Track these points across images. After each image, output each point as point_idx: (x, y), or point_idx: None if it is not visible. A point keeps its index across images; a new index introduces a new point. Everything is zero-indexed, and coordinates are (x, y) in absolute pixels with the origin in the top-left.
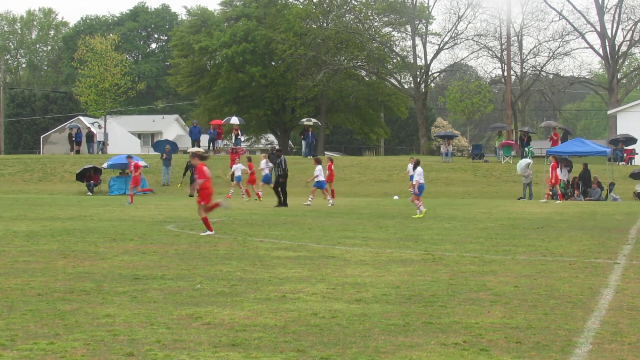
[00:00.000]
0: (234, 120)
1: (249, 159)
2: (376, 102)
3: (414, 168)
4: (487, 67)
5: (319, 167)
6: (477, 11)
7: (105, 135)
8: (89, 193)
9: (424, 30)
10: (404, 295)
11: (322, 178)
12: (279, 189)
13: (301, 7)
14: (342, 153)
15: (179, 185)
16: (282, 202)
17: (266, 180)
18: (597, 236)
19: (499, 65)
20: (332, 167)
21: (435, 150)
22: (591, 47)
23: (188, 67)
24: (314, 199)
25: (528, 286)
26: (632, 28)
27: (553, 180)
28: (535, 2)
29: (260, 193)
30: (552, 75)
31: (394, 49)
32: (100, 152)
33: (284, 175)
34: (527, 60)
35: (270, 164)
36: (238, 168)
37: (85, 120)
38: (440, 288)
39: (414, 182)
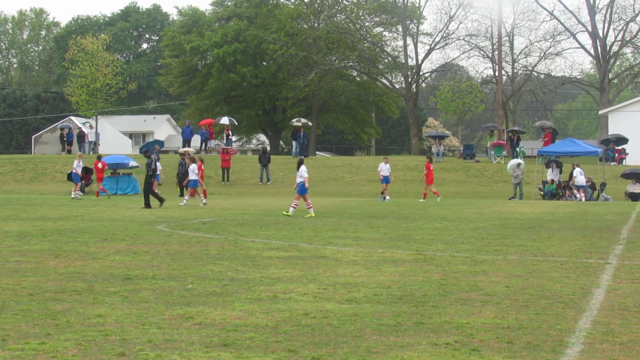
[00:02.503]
0: (224, 120)
1: (201, 160)
2: (367, 102)
3: (298, 168)
4: (479, 67)
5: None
6: (469, 11)
7: (97, 135)
8: (81, 193)
9: (415, 30)
10: (395, 295)
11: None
12: (148, 189)
13: (292, 7)
14: (333, 153)
15: (177, 188)
16: (148, 204)
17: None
18: (589, 236)
19: (490, 65)
20: (202, 167)
21: (426, 150)
22: (582, 47)
23: (179, 67)
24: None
25: (519, 286)
26: (624, 28)
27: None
28: (527, 2)
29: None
30: (543, 75)
31: (385, 49)
32: (91, 152)
33: (152, 176)
34: (519, 60)
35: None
36: (192, 171)
37: (77, 120)
38: (431, 288)
39: (297, 182)
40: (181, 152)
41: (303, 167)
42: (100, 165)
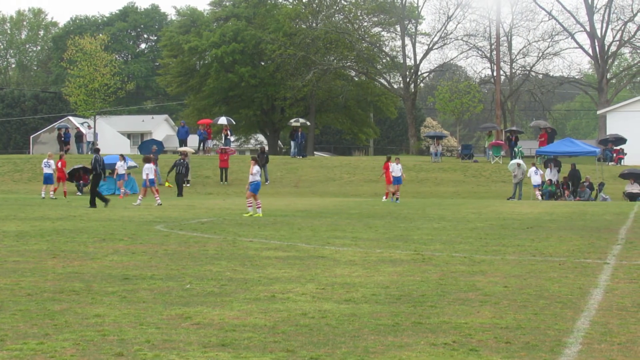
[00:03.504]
0: (222, 120)
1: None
2: (365, 102)
3: (255, 166)
4: (477, 67)
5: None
6: (467, 11)
7: (95, 135)
8: (79, 193)
9: (414, 30)
10: (393, 295)
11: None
12: (96, 188)
13: (290, 7)
14: (331, 153)
15: (166, 183)
16: (93, 203)
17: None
18: (587, 236)
19: (489, 65)
20: (83, 167)
21: (424, 151)
22: (581, 47)
23: (177, 67)
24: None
25: (517, 286)
26: (622, 28)
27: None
28: (525, 2)
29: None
30: (541, 75)
31: (384, 49)
32: (89, 152)
33: (99, 176)
34: (517, 60)
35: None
36: (150, 169)
37: (75, 121)
38: (429, 288)
39: (249, 181)
40: (180, 151)
41: (257, 167)
42: (59, 164)
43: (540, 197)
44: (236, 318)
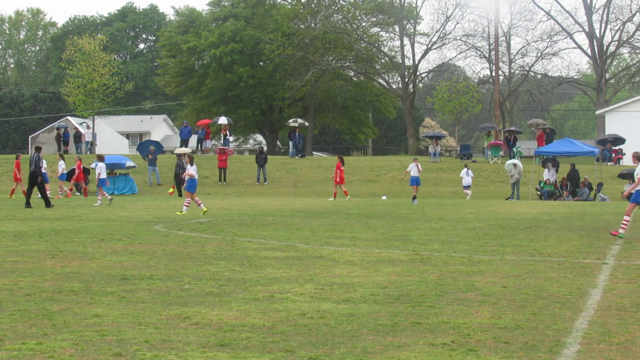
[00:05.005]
0: (222, 120)
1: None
2: (364, 102)
3: (191, 164)
4: (475, 67)
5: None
6: (465, 11)
7: (94, 135)
8: (77, 193)
9: (412, 30)
10: (392, 295)
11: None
12: (32, 188)
13: (289, 7)
14: (330, 153)
15: (170, 190)
16: (28, 203)
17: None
18: (586, 236)
19: (487, 65)
20: (82, 167)
21: (423, 151)
22: (579, 47)
23: (176, 67)
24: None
25: (516, 286)
26: (620, 28)
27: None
28: (524, 2)
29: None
30: (540, 76)
31: (382, 49)
32: (88, 152)
33: (36, 174)
34: (515, 60)
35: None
36: (102, 169)
37: (74, 121)
38: (428, 288)
39: (186, 177)
40: (177, 152)
41: (193, 167)
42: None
43: (468, 198)
44: (235, 318)
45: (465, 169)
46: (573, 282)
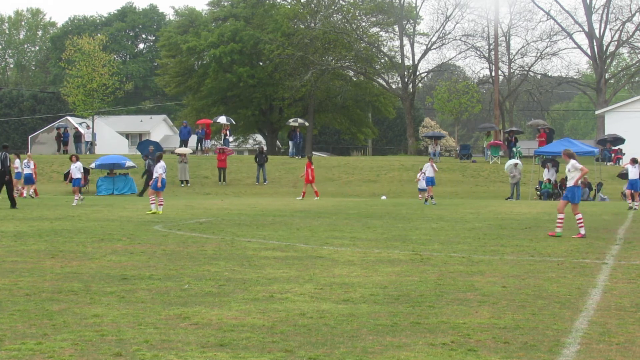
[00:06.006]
0: (222, 119)
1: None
2: (364, 102)
3: (157, 162)
4: (475, 67)
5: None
6: (465, 11)
7: (93, 135)
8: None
9: (412, 30)
10: (391, 295)
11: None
12: (3, 188)
13: (289, 7)
14: (330, 153)
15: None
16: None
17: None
18: (585, 236)
19: (487, 65)
20: (36, 169)
21: (423, 151)
22: (579, 47)
23: (176, 67)
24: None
25: (516, 286)
26: (620, 28)
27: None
28: (523, 2)
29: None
30: (539, 76)
31: (382, 49)
32: (88, 152)
33: (4, 174)
34: (515, 60)
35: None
36: (77, 169)
37: (73, 120)
38: (428, 288)
39: (158, 177)
40: (177, 152)
41: (160, 164)
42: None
43: (425, 202)
44: (234, 318)
45: (422, 174)
46: (573, 282)
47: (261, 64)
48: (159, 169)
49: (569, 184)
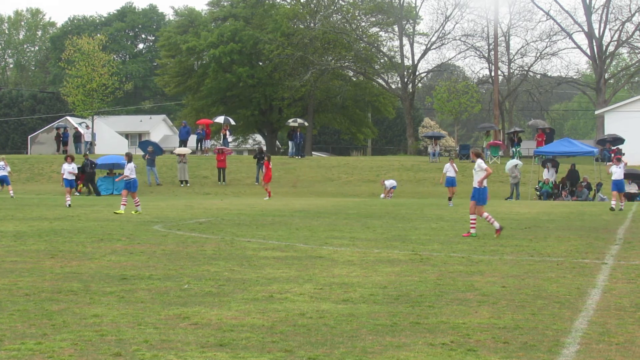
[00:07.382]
0: (221, 119)
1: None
2: (363, 102)
3: (128, 162)
4: (475, 67)
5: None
6: (465, 11)
7: (93, 135)
8: (77, 193)
9: (412, 30)
10: (391, 295)
11: (133, 176)
12: None
13: (288, 7)
14: (329, 153)
15: (79, 186)
16: None
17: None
18: (585, 236)
19: (487, 65)
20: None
21: (422, 151)
22: (579, 47)
23: (175, 67)
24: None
25: (515, 286)
26: (620, 28)
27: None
28: (523, 2)
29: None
30: (539, 76)
31: (382, 49)
32: (87, 152)
33: None
34: (515, 60)
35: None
36: (66, 170)
37: (73, 121)
38: (427, 288)
39: (127, 176)
40: (177, 152)
41: (129, 165)
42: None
43: (388, 197)
44: (234, 318)
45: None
46: (572, 282)
47: (261, 64)
48: (126, 170)
49: (474, 184)
